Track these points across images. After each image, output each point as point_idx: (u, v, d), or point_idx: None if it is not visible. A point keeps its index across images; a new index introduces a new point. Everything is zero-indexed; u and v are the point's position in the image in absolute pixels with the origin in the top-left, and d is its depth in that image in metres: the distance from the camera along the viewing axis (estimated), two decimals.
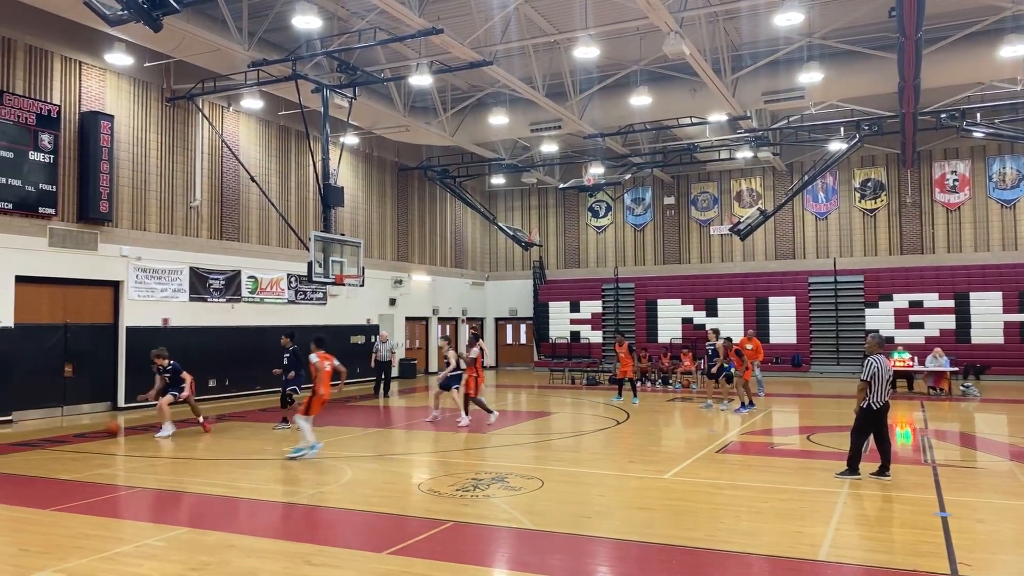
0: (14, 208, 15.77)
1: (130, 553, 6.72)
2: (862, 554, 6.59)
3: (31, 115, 16.15)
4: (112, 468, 11.19)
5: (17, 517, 8.13)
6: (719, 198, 30.87)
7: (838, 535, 7.14)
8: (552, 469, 10.44)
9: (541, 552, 6.72)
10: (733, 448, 12.33)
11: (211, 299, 20.30)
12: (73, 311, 17.21)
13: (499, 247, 34.65)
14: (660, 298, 30.32)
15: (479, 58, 17.17)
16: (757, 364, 19.89)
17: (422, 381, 27.13)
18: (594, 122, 22.57)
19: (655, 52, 18.90)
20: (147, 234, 18.75)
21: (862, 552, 6.67)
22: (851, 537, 7.19)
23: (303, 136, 22.85)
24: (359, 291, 23.92)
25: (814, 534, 7.16)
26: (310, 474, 10.39)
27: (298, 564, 6.34)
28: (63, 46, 17.01)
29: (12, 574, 6.17)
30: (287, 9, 16.58)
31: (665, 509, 8.21)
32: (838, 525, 7.49)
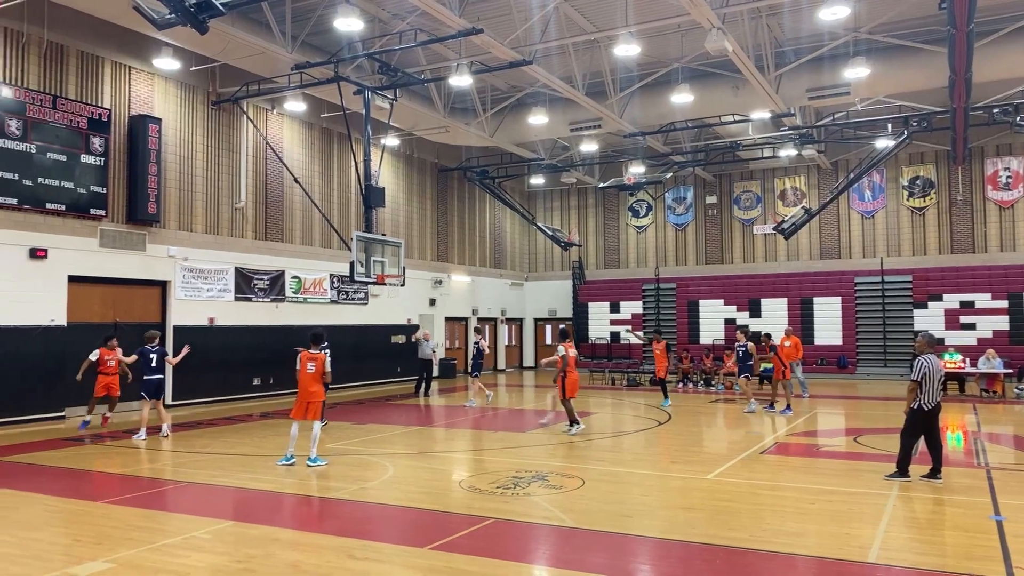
0: (67, 210, 16.22)
1: (177, 545, 6.85)
2: (913, 557, 6.43)
3: (83, 119, 16.59)
4: (159, 463, 11.43)
5: (71, 509, 8.34)
6: (762, 197, 30.43)
7: (888, 537, 6.97)
8: (592, 468, 10.38)
9: (582, 550, 6.68)
10: (777, 449, 12.12)
11: (256, 299, 20.63)
12: (123, 310, 17.63)
13: (538, 247, 34.62)
14: (702, 298, 29.98)
15: (519, 58, 17.18)
16: (799, 364, 19.61)
17: (461, 380, 27.21)
18: (634, 120, 22.42)
19: (697, 49, 18.71)
20: (193, 235, 19.12)
21: (913, 555, 6.50)
22: (901, 540, 7.01)
23: (345, 138, 23.10)
24: (400, 291, 24.03)
25: (862, 536, 7.00)
26: (352, 471, 10.48)
27: (341, 558, 6.40)
28: (113, 52, 17.44)
29: (66, 563, 6.33)
30: (329, 12, 16.79)
31: (708, 509, 8.10)
32: (887, 527, 7.32)
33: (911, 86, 19.89)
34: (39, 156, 15.75)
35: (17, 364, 15.24)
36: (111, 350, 14.50)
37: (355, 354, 23.69)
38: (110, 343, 14.63)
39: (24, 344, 15.38)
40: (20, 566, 6.26)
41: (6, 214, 15.26)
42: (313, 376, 10.80)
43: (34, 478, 9.95)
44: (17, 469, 10.66)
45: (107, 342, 14.65)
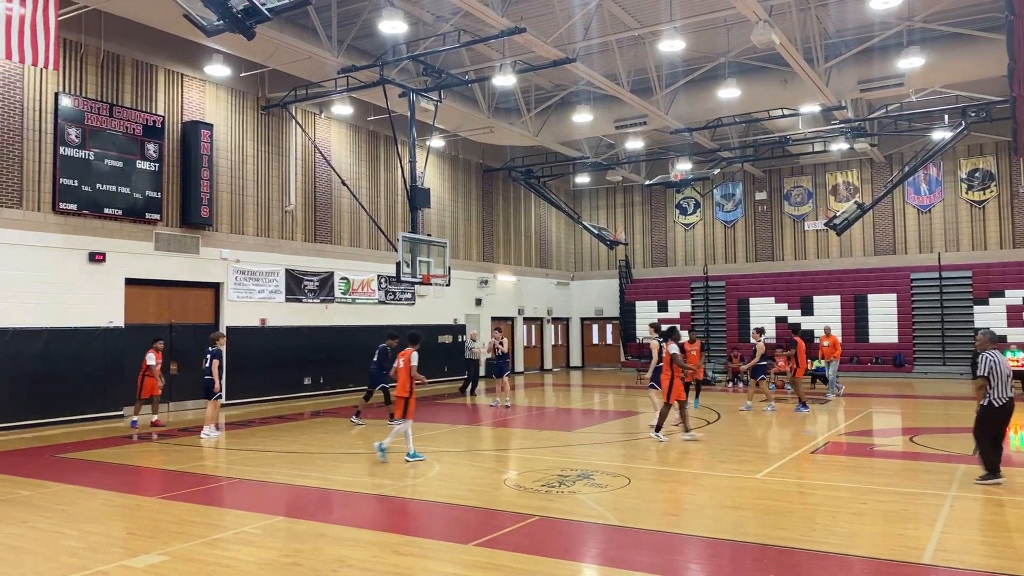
0: (124, 214, 16.71)
1: (228, 539, 6.99)
2: (972, 559, 6.22)
3: (138, 126, 17.07)
4: (213, 460, 11.68)
5: (128, 504, 8.59)
6: (813, 192, 29.82)
7: (944, 538, 6.76)
8: (639, 467, 10.29)
9: (628, 548, 6.62)
10: (830, 449, 11.86)
11: (306, 300, 20.98)
12: (178, 311, 18.10)
13: (584, 246, 34.49)
14: (752, 296, 29.50)
15: (562, 56, 17.14)
16: (834, 363, 19.42)
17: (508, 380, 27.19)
18: (681, 117, 22.17)
19: (743, 43, 18.42)
20: (245, 237, 19.53)
21: (972, 556, 6.29)
22: (959, 541, 6.79)
23: (391, 140, 23.34)
24: (446, 291, 24.25)
25: (918, 537, 6.80)
26: (400, 468, 10.57)
27: (387, 553, 6.46)
28: (166, 60, 17.91)
29: (122, 555, 6.51)
30: (374, 16, 16.98)
31: (757, 508, 7.96)
32: (944, 528, 7.09)
33: (968, 75, 19.26)
34: (97, 163, 16.27)
35: (78, 364, 15.75)
36: (159, 352, 15.17)
37: None
38: (156, 345, 15.23)
39: (84, 345, 15.89)
40: (79, 558, 6.47)
41: (67, 219, 15.79)
42: (403, 371, 11.01)
43: (93, 474, 10.27)
44: (78, 465, 11.02)
45: (155, 344, 15.27)
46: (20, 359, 14.82)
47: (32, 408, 14.97)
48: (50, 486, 9.46)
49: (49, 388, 15.22)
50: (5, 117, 15.01)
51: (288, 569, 6.05)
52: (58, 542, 6.97)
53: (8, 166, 15.01)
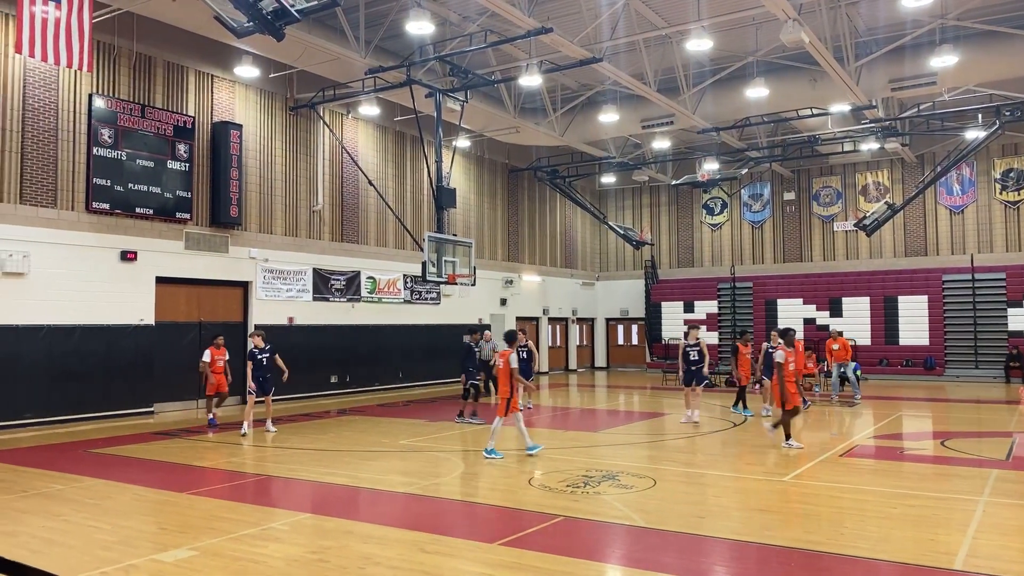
0: (155, 214, 16.95)
1: (256, 535, 7.07)
2: (1006, 565, 6.11)
3: (169, 127, 17.31)
4: (241, 457, 11.82)
5: (158, 499, 8.72)
6: (843, 192, 29.46)
7: (977, 544, 6.65)
8: (665, 469, 10.24)
9: (654, 549, 6.59)
10: (859, 452, 11.71)
11: (333, 299, 21.14)
12: (207, 310, 18.33)
13: (609, 247, 34.38)
14: (780, 297, 29.23)
15: (589, 55, 17.10)
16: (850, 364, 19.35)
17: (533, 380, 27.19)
18: (708, 116, 22.02)
19: (772, 42, 18.26)
20: (273, 237, 19.73)
21: (1005, 563, 6.17)
22: (992, 547, 6.67)
23: (417, 140, 23.44)
24: (471, 291, 24.29)
25: (949, 542, 6.70)
26: (426, 466, 10.62)
27: (412, 551, 6.49)
28: (197, 61, 18.14)
29: (152, 549, 6.61)
30: (401, 16, 17.06)
31: (784, 511, 7.89)
32: (976, 533, 6.98)
33: (1003, 74, 18.92)
34: (129, 163, 16.52)
35: (109, 361, 16.01)
36: (219, 349, 15.13)
37: (428, 353, 24.03)
38: (217, 342, 15.22)
39: (116, 342, 16.15)
40: (112, 551, 6.58)
41: (99, 218, 16.06)
42: (503, 372, 11.06)
43: (125, 469, 10.43)
44: (110, 461, 11.21)
45: (215, 341, 15.28)
46: (54, 356, 15.11)
47: (65, 404, 15.24)
48: (83, 481, 9.62)
49: (81, 384, 15.49)
50: (40, 118, 15.30)
51: (315, 566, 6.10)
52: (92, 535, 7.10)
53: (43, 166, 15.30)
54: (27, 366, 14.69)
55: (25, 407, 14.67)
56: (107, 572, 5.94)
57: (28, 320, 14.79)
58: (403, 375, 23.18)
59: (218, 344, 15.19)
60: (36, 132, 15.22)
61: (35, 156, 15.18)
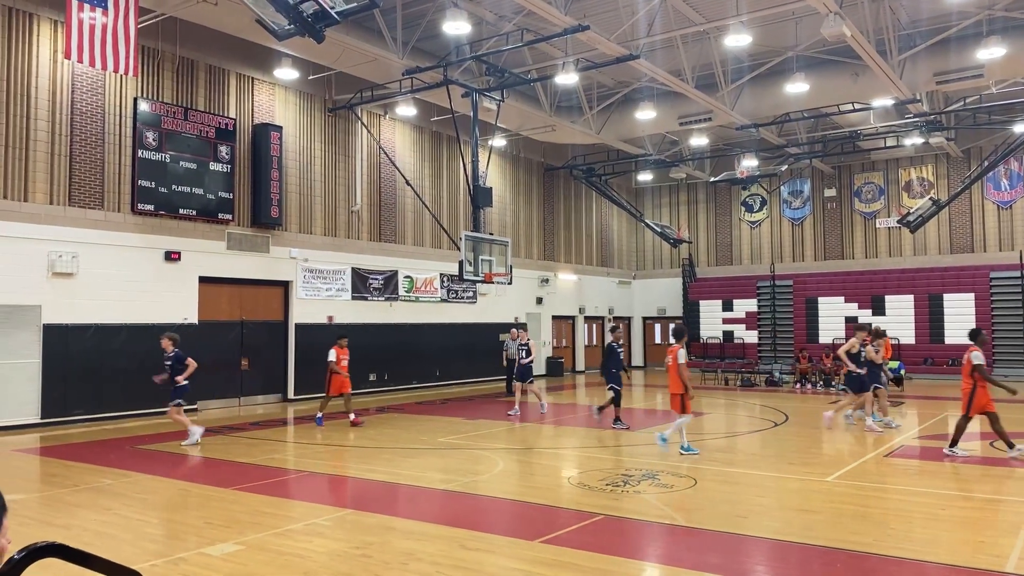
0: (198, 215, 17.27)
1: (300, 531, 7.17)
2: None
3: (211, 129, 17.62)
4: (283, 453, 12.00)
5: (204, 494, 8.89)
6: (885, 188, 28.91)
7: None
8: (705, 468, 10.15)
9: (696, 549, 6.55)
10: (904, 452, 11.49)
11: (371, 298, 21.34)
12: (248, 309, 18.62)
13: (646, 245, 34.17)
14: (821, 296, 28.78)
15: (625, 53, 17.01)
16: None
17: (569, 379, 27.22)
18: (747, 112, 21.77)
19: (812, 36, 17.98)
20: (313, 237, 19.97)
21: None
22: None
23: (453, 140, 23.54)
24: (507, 289, 24.35)
25: (1000, 544, 6.54)
26: (464, 464, 10.67)
27: (453, 548, 6.53)
28: (238, 64, 18.44)
29: (199, 543, 6.74)
30: (438, 17, 17.15)
31: (828, 512, 7.78)
32: None
33: None
34: (172, 165, 16.85)
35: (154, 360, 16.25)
36: (344, 349, 15.00)
37: (464, 352, 24.14)
38: (341, 342, 15.03)
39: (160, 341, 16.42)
40: (160, 544, 6.73)
41: (144, 220, 16.41)
42: (672, 368, 11.18)
43: (171, 465, 10.66)
44: (156, 456, 11.46)
45: (339, 341, 15.09)
46: (102, 354, 15.47)
47: (112, 401, 15.61)
48: (131, 476, 9.85)
49: (128, 382, 15.83)
50: (88, 122, 15.68)
51: (359, 561, 6.17)
52: (141, 529, 7.26)
53: (91, 169, 15.68)
54: (76, 364, 15.07)
55: (74, 404, 15.06)
56: (157, 565, 6.08)
57: (77, 319, 15.17)
58: (440, 373, 23.32)
59: (342, 344, 14.95)
60: (84, 136, 15.61)
61: (83, 159, 15.57)
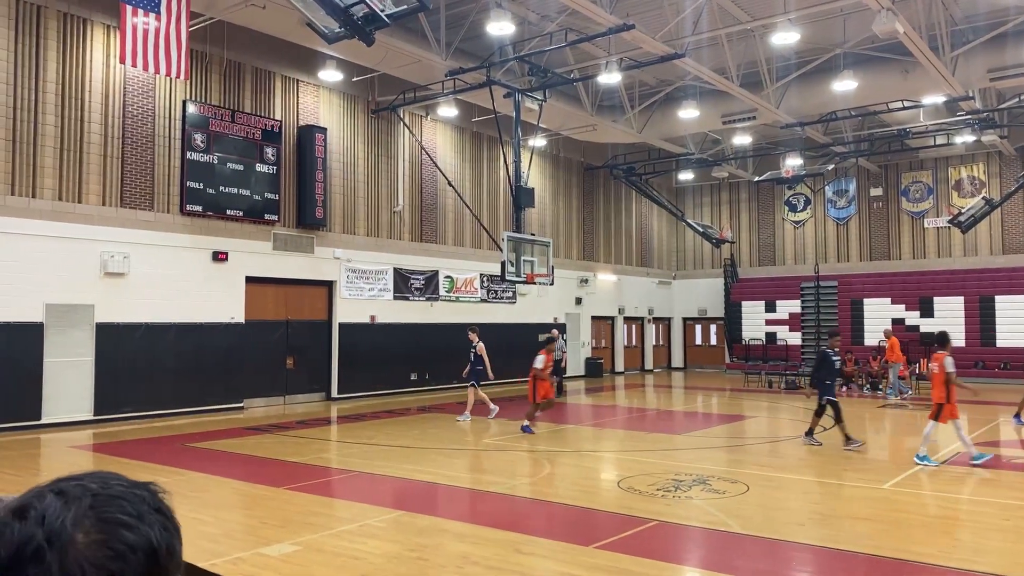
0: (244, 216, 17.51)
1: (354, 531, 7.21)
2: None
3: (257, 131, 17.85)
4: (330, 453, 12.10)
5: (256, 494, 8.98)
6: (934, 188, 28.25)
7: None
8: (755, 474, 10.00)
9: (754, 557, 6.44)
10: (961, 460, 11.17)
11: (412, 298, 21.45)
12: (294, 308, 18.84)
13: (687, 245, 33.84)
14: (867, 297, 28.22)
15: (670, 51, 16.84)
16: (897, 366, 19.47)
17: (609, 380, 27.08)
18: (792, 111, 21.43)
19: (862, 32, 17.63)
20: (356, 237, 20.13)
21: None
22: None
23: (494, 140, 23.55)
24: (547, 290, 24.30)
25: None
26: (510, 465, 10.65)
27: (508, 552, 6.50)
28: (283, 67, 18.65)
29: (257, 543, 6.81)
30: (481, 17, 17.15)
31: (888, 520, 7.60)
32: None
33: None
34: (220, 167, 17.10)
35: (203, 358, 16.61)
36: (550, 353, 14.20)
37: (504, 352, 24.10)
38: (550, 347, 14.29)
39: (209, 340, 16.74)
40: (218, 544, 6.81)
41: (193, 220, 16.68)
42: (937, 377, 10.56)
43: (221, 463, 10.80)
44: (207, 455, 11.62)
45: (548, 345, 14.33)
46: (152, 352, 15.76)
47: (162, 399, 15.89)
48: (184, 474, 10.00)
49: (177, 380, 16.11)
50: (139, 125, 15.98)
51: (415, 564, 6.18)
52: (197, 528, 7.35)
53: (141, 171, 15.98)
54: (127, 362, 15.37)
55: (125, 401, 15.35)
56: (216, 564, 6.14)
57: (128, 318, 15.47)
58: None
59: (550, 348, 14.20)
60: (135, 138, 15.91)
61: (134, 161, 15.87)
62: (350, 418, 16.17)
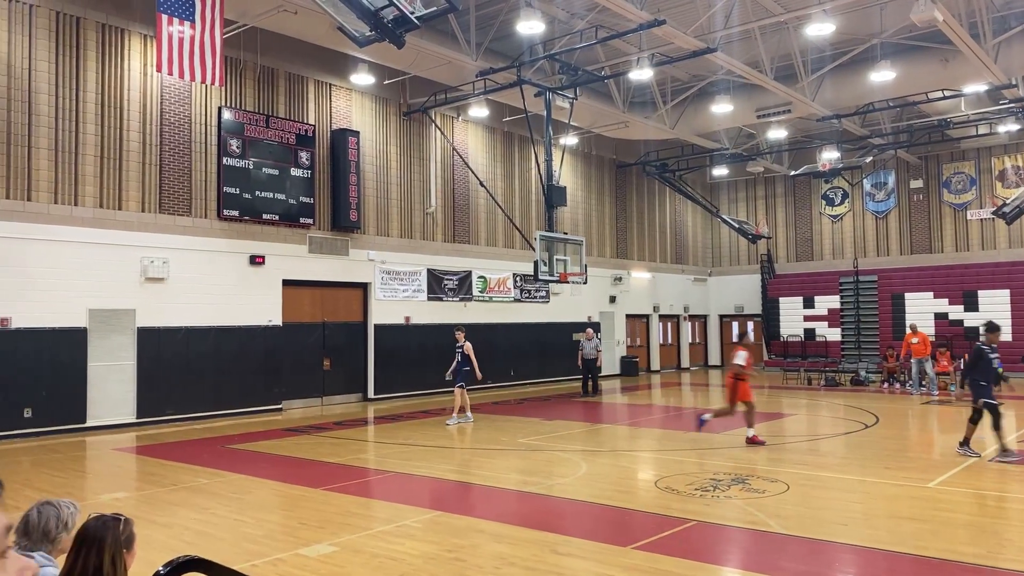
0: (280, 219, 17.71)
1: (392, 532, 7.23)
2: None
3: (292, 135, 18.04)
4: (367, 453, 12.18)
5: (295, 495, 9.07)
6: (977, 178, 27.58)
7: None
8: (795, 472, 9.84)
9: (797, 558, 6.32)
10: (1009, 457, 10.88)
11: (446, 298, 21.52)
12: (330, 311, 19.01)
13: (722, 241, 33.47)
14: (907, 291, 27.64)
15: (702, 46, 16.66)
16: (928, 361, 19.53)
17: (644, 379, 26.89)
18: (827, 103, 21.07)
19: (899, 22, 17.26)
20: (390, 239, 20.25)
21: None
22: None
23: (526, 140, 23.52)
24: (580, 289, 24.23)
25: None
26: (546, 465, 10.62)
27: (545, 552, 6.47)
28: (316, 71, 18.83)
29: (296, 544, 6.87)
30: (511, 17, 17.13)
31: (935, 520, 7.42)
32: None
33: None
34: (255, 171, 17.31)
35: (241, 361, 16.84)
36: (750, 349, 12.82)
37: (538, 351, 24.10)
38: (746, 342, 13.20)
39: (247, 343, 16.97)
40: (259, 544, 6.88)
41: (230, 225, 16.91)
42: None
43: (262, 465, 10.93)
44: (247, 456, 11.77)
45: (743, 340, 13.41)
46: (192, 355, 16.02)
47: (201, 401, 16.14)
48: (225, 475, 10.14)
49: (216, 383, 16.35)
50: (176, 132, 16.25)
51: (453, 564, 6.18)
52: (238, 529, 7.45)
53: (179, 177, 16.24)
54: (167, 366, 15.64)
55: (166, 404, 15.63)
56: (257, 565, 6.21)
57: (168, 322, 15.74)
58: (514, 373, 23.35)
59: (747, 344, 12.62)
60: (172, 145, 16.18)
61: (172, 168, 16.14)
62: (386, 419, 16.28)
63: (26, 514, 3.20)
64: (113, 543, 2.80)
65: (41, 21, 14.41)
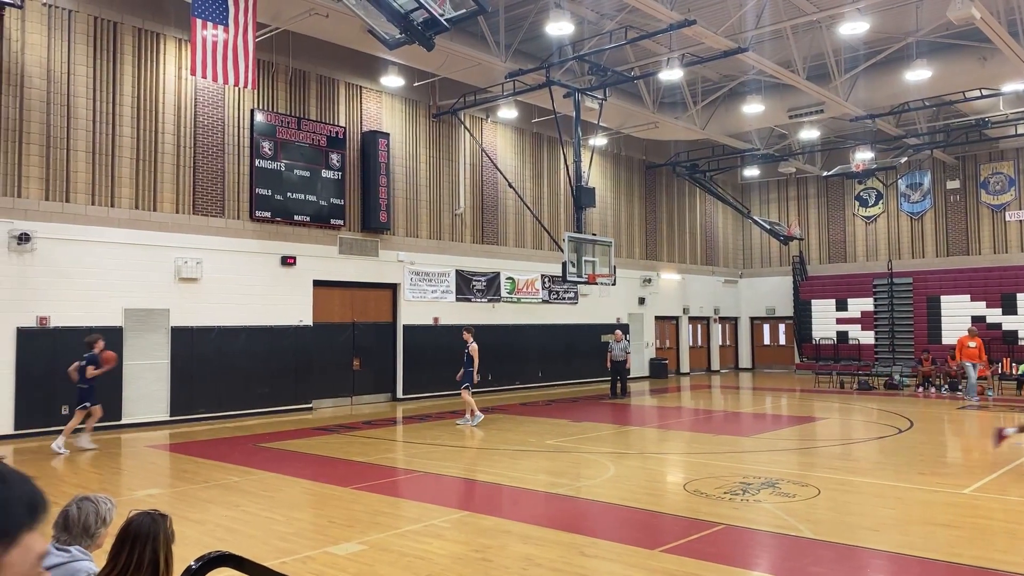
0: (311, 221, 17.89)
1: (420, 531, 7.27)
2: None
3: (323, 137, 18.22)
4: (396, 453, 12.25)
5: (324, 493, 9.16)
6: (1016, 179, 27.00)
7: None
8: (826, 477, 9.72)
9: (829, 563, 6.24)
10: None
11: (474, 299, 21.58)
12: (359, 311, 19.16)
13: (753, 242, 33.14)
14: (944, 294, 27.14)
15: (733, 46, 16.53)
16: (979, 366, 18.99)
17: (674, 381, 26.72)
18: (861, 103, 20.77)
19: (935, 20, 16.97)
20: (419, 240, 20.36)
21: None
22: None
23: (554, 141, 23.51)
24: (609, 290, 24.05)
25: None
26: (574, 467, 10.61)
27: (573, 554, 6.47)
28: (347, 74, 19.00)
29: (325, 542, 6.94)
30: (540, 18, 17.14)
31: (969, 527, 7.28)
32: None
33: None
34: (287, 173, 17.51)
35: (272, 360, 17.04)
36: None
37: (566, 353, 24.07)
38: None
39: (278, 342, 17.16)
40: (288, 542, 6.96)
41: (262, 226, 17.12)
42: None
43: (292, 463, 11.05)
44: (277, 455, 11.91)
45: None
46: (224, 355, 16.24)
47: (233, 400, 16.35)
48: (255, 473, 10.27)
49: (248, 382, 16.56)
50: (209, 134, 16.50)
51: (480, 564, 6.20)
52: (269, 526, 7.54)
53: (212, 179, 16.49)
54: (200, 365, 15.88)
55: (199, 402, 15.86)
56: (287, 562, 6.28)
57: (201, 322, 15.97)
58: (542, 374, 23.34)
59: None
60: (206, 147, 16.43)
61: (205, 169, 16.39)
62: (415, 419, 16.37)
63: (64, 509, 3.27)
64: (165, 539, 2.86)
65: (80, 27, 14.71)
